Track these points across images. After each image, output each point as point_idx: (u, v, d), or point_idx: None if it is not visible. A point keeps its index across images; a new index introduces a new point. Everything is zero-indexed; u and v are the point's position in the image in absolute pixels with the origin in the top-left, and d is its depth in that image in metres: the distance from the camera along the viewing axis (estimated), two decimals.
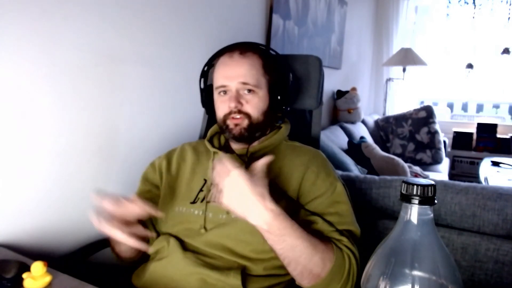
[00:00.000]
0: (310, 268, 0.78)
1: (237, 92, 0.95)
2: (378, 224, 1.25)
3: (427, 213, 0.49)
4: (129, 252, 0.95)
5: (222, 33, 1.58)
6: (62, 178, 1.04)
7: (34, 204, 0.99)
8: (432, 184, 0.48)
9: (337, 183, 0.95)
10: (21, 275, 0.72)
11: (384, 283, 0.48)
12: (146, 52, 1.26)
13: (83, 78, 1.07)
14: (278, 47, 2.01)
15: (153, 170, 1.06)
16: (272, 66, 1.01)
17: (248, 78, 0.95)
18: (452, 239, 1.15)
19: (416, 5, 4.32)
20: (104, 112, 1.14)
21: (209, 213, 0.93)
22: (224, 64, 0.98)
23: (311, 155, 0.98)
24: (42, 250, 1.01)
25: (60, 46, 1.00)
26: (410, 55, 3.56)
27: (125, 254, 0.96)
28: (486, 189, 1.15)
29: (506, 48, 4.12)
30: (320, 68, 1.19)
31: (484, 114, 4.86)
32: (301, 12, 2.31)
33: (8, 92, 0.91)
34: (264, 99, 0.98)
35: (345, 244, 0.85)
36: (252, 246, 0.88)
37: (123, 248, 0.94)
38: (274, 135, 1.02)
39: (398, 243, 0.50)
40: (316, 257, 0.78)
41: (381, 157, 2.53)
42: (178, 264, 0.88)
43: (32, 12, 0.92)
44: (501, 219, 1.09)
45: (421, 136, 3.47)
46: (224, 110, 0.97)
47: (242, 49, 0.99)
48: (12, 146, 0.93)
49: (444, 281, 0.47)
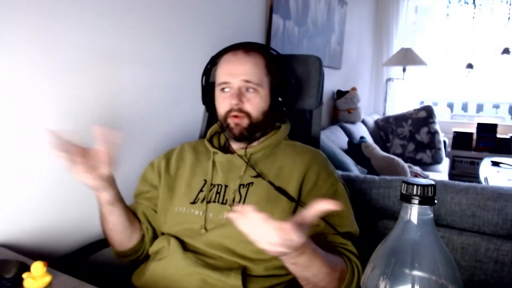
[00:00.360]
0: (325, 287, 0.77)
1: (239, 90, 0.95)
2: (378, 224, 1.25)
3: (427, 213, 0.49)
4: (120, 225, 0.94)
5: (222, 33, 1.58)
6: (62, 178, 1.04)
7: (34, 204, 0.99)
8: (432, 184, 0.48)
9: (338, 183, 0.95)
10: (21, 275, 0.72)
11: (384, 283, 0.48)
12: (146, 52, 1.26)
13: (83, 78, 1.07)
14: (278, 47, 2.01)
15: (152, 170, 1.06)
16: (275, 67, 1.02)
17: (251, 76, 0.95)
18: (452, 239, 1.15)
19: (416, 5, 4.32)
20: (104, 112, 1.14)
21: (209, 214, 0.93)
22: (228, 61, 0.98)
23: (312, 155, 0.98)
24: (42, 250, 1.01)
25: (60, 46, 1.00)
26: (410, 55, 3.56)
27: (116, 229, 0.94)
28: (486, 189, 1.15)
29: (506, 48, 4.13)
30: (320, 68, 1.19)
31: (484, 114, 4.86)
32: (301, 12, 2.31)
33: (8, 92, 0.91)
34: (265, 99, 0.98)
35: (350, 250, 0.86)
36: (252, 246, 0.87)
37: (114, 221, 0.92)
38: (274, 135, 1.02)
39: (398, 243, 0.50)
40: (334, 280, 0.77)
41: (381, 157, 2.53)
42: (178, 264, 0.88)
43: (32, 12, 0.92)
44: (501, 219, 1.09)
45: (421, 136, 3.47)
46: (225, 107, 0.97)
47: (246, 48, 0.99)
48: (12, 146, 0.93)
49: (444, 281, 0.47)
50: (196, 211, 0.94)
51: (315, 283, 0.76)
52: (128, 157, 1.23)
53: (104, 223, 0.95)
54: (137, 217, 1.01)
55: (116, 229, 0.95)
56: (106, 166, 0.81)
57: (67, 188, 1.06)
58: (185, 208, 0.96)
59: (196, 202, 0.96)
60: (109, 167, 0.81)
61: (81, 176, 0.80)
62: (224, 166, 0.98)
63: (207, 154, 1.03)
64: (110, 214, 0.92)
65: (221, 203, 0.94)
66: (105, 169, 0.81)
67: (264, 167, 0.96)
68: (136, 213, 1.01)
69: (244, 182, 0.94)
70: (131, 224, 0.96)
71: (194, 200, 0.96)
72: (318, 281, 0.75)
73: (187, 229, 0.94)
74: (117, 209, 0.91)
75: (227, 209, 0.92)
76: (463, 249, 1.14)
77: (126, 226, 0.95)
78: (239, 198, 0.93)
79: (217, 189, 0.96)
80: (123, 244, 0.98)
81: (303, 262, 0.71)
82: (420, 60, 3.55)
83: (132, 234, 0.98)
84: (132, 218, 0.98)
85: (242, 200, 0.92)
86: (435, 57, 4.51)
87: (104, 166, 0.81)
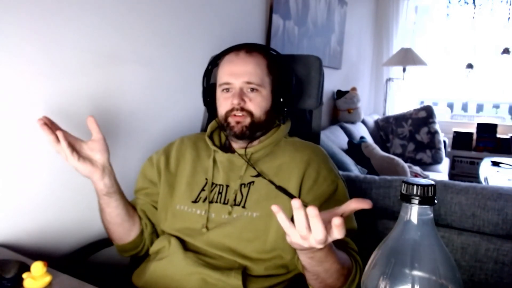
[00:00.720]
0: (333, 284, 0.77)
1: (241, 90, 0.95)
2: (378, 224, 1.25)
3: (427, 213, 0.49)
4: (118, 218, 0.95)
5: (222, 33, 1.58)
6: (62, 178, 1.04)
7: (34, 204, 0.99)
8: (432, 184, 0.48)
9: (338, 180, 0.95)
10: (21, 275, 0.72)
11: (384, 283, 0.48)
12: (146, 52, 1.26)
13: (83, 78, 1.07)
14: (278, 47, 2.01)
15: (151, 166, 1.05)
16: (276, 67, 1.02)
17: (253, 76, 0.95)
18: (452, 239, 1.15)
19: (416, 5, 4.32)
20: (103, 112, 1.14)
21: (211, 214, 0.93)
22: (230, 61, 0.98)
23: (311, 151, 0.98)
24: (42, 250, 1.01)
25: (60, 46, 1.00)
26: (410, 55, 3.56)
27: (114, 222, 0.95)
28: (486, 189, 1.15)
29: (506, 48, 4.13)
30: (320, 68, 1.19)
31: (484, 114, 4.86)
32: (301, 12, 2.31)
33: (8, 92, 0.91)
34: (267, 99, 0.98)
35: (352, 247, 0.86)
36: (253, 246, 0.88)
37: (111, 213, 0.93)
38: (274, 134, 1.02)
39: (398, 243, 0.50)
40: (342, 277, 0.77)
41: (381, 157, 2.53)
42: (179, 264, 0.88)
43: (32, 12, 0.92)
44: (501, 219, 1.10)
45: (421, 136, 3.47)
46: (227, 107, 0.97)
47: (248, 49, 0.99)
48: (12, 146, 0.93)
49: (444, 281, 0.47)
50: (198, 210, 0.94)
51: (323, 278, 0.75)
52: (128, 157, 1.23)
53: (102, 215, 0.95)
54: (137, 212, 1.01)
55: (114, 222, 0.95)
56: (101, 153, 0.87)
57: (67, 188, 1.06)
58: (186, 207, 0.96)
59: (198, 201, 0.96)
60: (105, 154, 0.88)
61: (75, 162, 0.83)
62: (225, 166, 0.98)
63: (207, 151, 1.03)
64: (107, 206, 0.92)
65: (223, 203, 0.94)
66: (101, 156, 0.87)
67: (264, 166, 0.96)
68: (135, 209, 1.02)
69: (245, 182, 0.94)
70: (129, 218, 0.97)
71: (196, 199, 0.96)
72: (327, 277, 0.75)
73: (188, 228, 0.94)
74: (114, 201, 0.92)
75: (229, 210, 0.92)
76: (463, 249, 1.14)
77: (124, 220, 0.95)
78: (240, 197, 0.93)
79: (219, 189, 0.96)
80: (121, 238, 0.98)
81: (319, 257, 0.70)
82: (420, 60, 3.55)
83: (131, 228, 0.98)
84: (132, 212, 0.98)
85: (243, 199, 0.92)
86: (435, 57, 4.51)
87: (99, 153, 0.87)
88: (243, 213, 0.91)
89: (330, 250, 0.71)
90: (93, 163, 0.86)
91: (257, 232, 0.87)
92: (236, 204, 0.93)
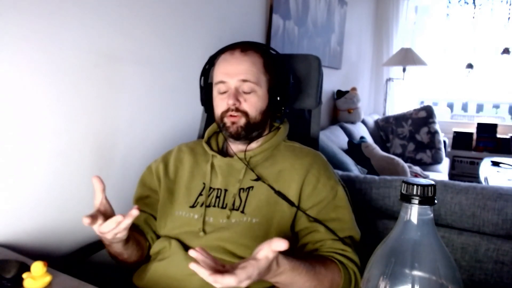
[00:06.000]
0: None
1: (236, 90, 0.95)
2: (378, 224, 1.25)
3: (427, 213, 0.49)
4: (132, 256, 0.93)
5: (222, 33, 1.58)
6: (62, 178, 1.04)
7: (34, 204, 0.99)
8: (432, 184, 0.48)
9: (338, 187, 0.94)
10: (21, 275, 0.72)
11: (384, 283, 0.48)
12: (146, 52, 1.26)
13: (83, 78, 1.07)
14: (278, 47, 2.01)
15: (150, 175, 1.05)
16: (273, 66, 1.01)
17: (248, 75, 0.94)
18: (452, 239, 1.15)
19: (416, 5, 4.32)
20: (103, 112, 1.14)
21: (209, 218, 0.93)
22: (225, 60, 0.98)
23: (311, 157, 0.98)
24: (42, 250, 1.01)
25: (60, 46, 1.00)
26: (410, 55, 3.56)
27: (127, 258, 0.93)
28: (486, 189, 1.15)
29: (506, 48, 4.13)
30: (319, 68, 1.19)
31: (484, 114, 4.86)
32: (301, 12, 2.31)
33: (8, 92, 0.91)
34: (263, 98, 0.97)
35: (349, 257, 0.85)
36: (252, 250, 0.87)
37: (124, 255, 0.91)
38: (273, 137, 1.01)
39: (398, 243, 0.50)
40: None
41: (381, 157, 2.53)
42: (180, 264, 0.88)
43: (32, 12, 0.92)
44: (501, 219, 1.09)
45: (421, 136, 3.47)
46: (222, 108, 0.96)
47: (243, 47, 0.98)
48: (12, 146, 0.93)
49: (444, 281, 0.47)
50: (195, 215, 0.94)
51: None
52: (128, 157, 1.23)
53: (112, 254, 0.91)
54: (140, 228, 0.99)
55: (127, 258, 0.93)
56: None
57: (66, 188, 1.06)
58: (184, 212, 0.96)
59: (195, 206, 0.95)
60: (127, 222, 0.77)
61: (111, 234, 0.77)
62: (223, 170, 0.97)
63: (205, 156, 1.02)
64: (120, 255, 0.90)
65: (221, 207, 0.93)
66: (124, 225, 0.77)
67: (263, 170, 0.96)
68: (138, 223, 0.99)
69: (244, 186, 0.94)
70: (139, 247, 0.94)
71: (193, 204, 0.96)
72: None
73: (186, 232, 0.93)
74: (128, 249, 0.89)
75: (227, 214, 0.92)
76: (463, 249, 1.14)
77: (134, 252, 0.93)
78: (239, 202, 0.92)
79: (217, 193, 0.95)
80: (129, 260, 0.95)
81: (283, 280, 0.72)
82: (420, 60, 3.55)
83: (139, 252, 0.95)
84: (138, 238, 0.95)
85: (242, 204, 0.92)
86: (435, 57, 4.52)
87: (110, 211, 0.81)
88: (242, 219, 0.90)
89: (295, 272, 0.72)
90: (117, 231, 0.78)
91: (257, 238, 0.86)
92: (235, 208, 0.92)
